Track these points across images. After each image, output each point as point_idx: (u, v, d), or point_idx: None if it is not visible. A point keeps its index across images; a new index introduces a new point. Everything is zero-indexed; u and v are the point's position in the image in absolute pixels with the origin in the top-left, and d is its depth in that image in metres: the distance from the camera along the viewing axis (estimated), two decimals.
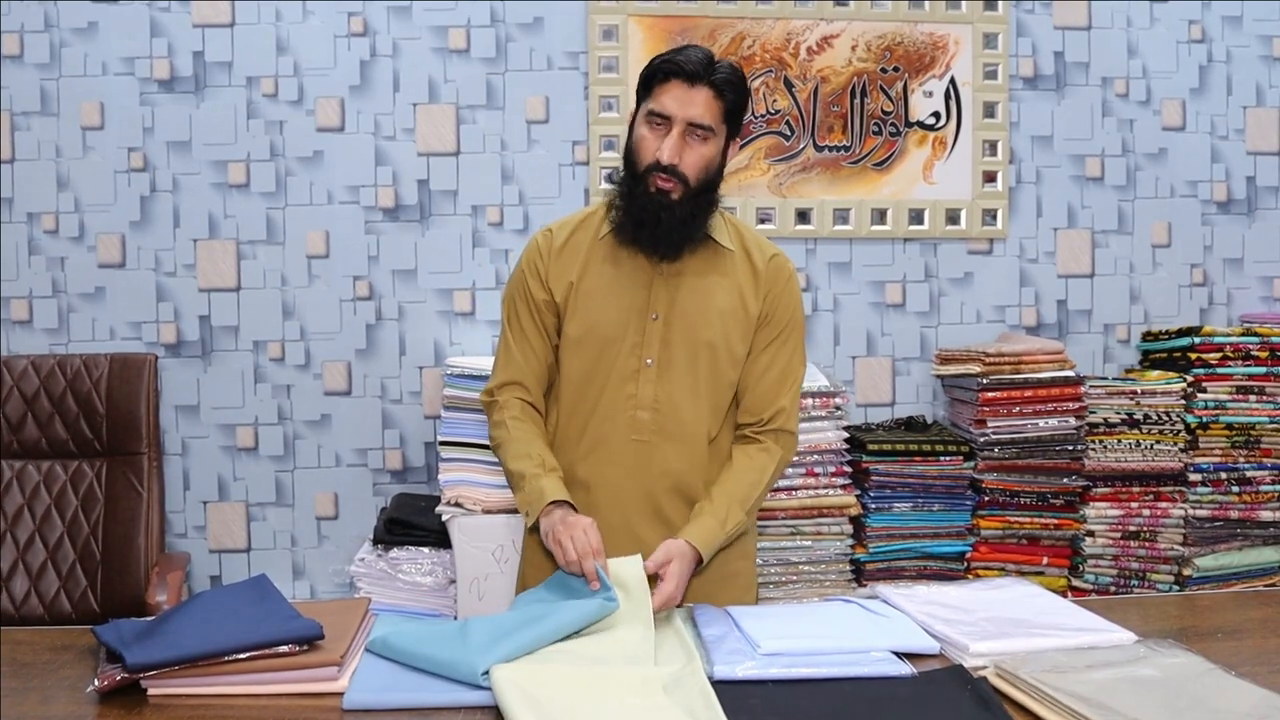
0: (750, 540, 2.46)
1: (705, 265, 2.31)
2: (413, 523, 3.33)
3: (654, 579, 2.06)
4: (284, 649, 1.75)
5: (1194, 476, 3.57)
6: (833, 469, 3.41)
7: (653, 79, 2.21)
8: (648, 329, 2.27)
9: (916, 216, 3.81)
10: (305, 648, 1.77)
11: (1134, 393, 3.57)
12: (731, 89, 2.19)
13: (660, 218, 2.20)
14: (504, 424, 2.31)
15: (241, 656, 1.73)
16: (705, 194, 2.26)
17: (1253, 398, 3.60)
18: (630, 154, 2.26)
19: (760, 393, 2.33)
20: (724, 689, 1.70)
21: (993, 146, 3.84)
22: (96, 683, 1.71)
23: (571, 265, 2.33)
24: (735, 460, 2.32)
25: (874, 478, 3.46)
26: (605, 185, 2.25)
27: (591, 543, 2.03)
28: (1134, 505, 3.54)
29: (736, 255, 2.33)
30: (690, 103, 2.16)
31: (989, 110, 3.83)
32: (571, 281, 2.31)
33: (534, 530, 2.20)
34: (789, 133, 3.76)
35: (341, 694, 1.70)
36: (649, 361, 2.27)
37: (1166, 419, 3.55)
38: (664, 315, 2.27)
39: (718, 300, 2.29)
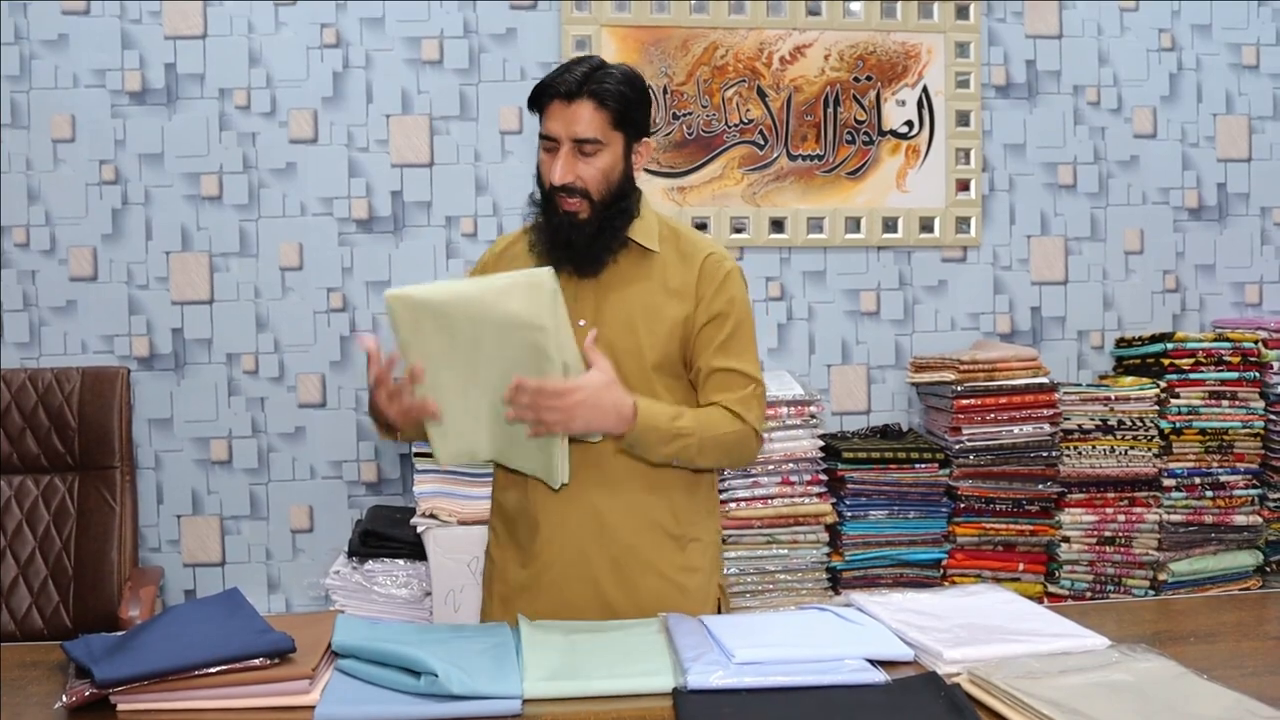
0: (704, 555, 2.37)
1: (631, 271, 2.27)
2: (388, 535, 3.32)
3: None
4: (255, 662, 1.74)
5: (1168, 482, 3.58)
6: (808, 477, 3.42)
7: (538, 103, 2.20)
8: (576, 336, 2.21)
9: (890, 225, 3.83)
10: (277, 661, 1.76)
11: (1108, 399, 3.58)
12: (615, 97, 2.16)
13: (571, 239, 2.19)
14: None
15: (212, 670, 1.71)
16: (617, 202, 2.22)
17: (1225, 403, 3.62)
18: (538, 178, 2.26)
19: (713, 391, 2.26)
20: (697, 698, 1.70)
21: (966, 155, 3.85)
22: (65, 699, 1.69)
23: None
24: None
25: (850, 485, 3.46)
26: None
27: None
28: (1109, 511, 3.55)
29: (665, 257, 2.28)
30: (572, 120, 2.15)
31: (962, 119, 3.84)
32: None
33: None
34: (762, 142, 3.77)
35: (313, 707, 1.69)
36: None
37: (1140, 425, 3.57)
38: (591, 321, 2.23)
39: (644, 306, 2.25)
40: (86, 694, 1.68)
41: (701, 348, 2.27)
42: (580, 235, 2.20)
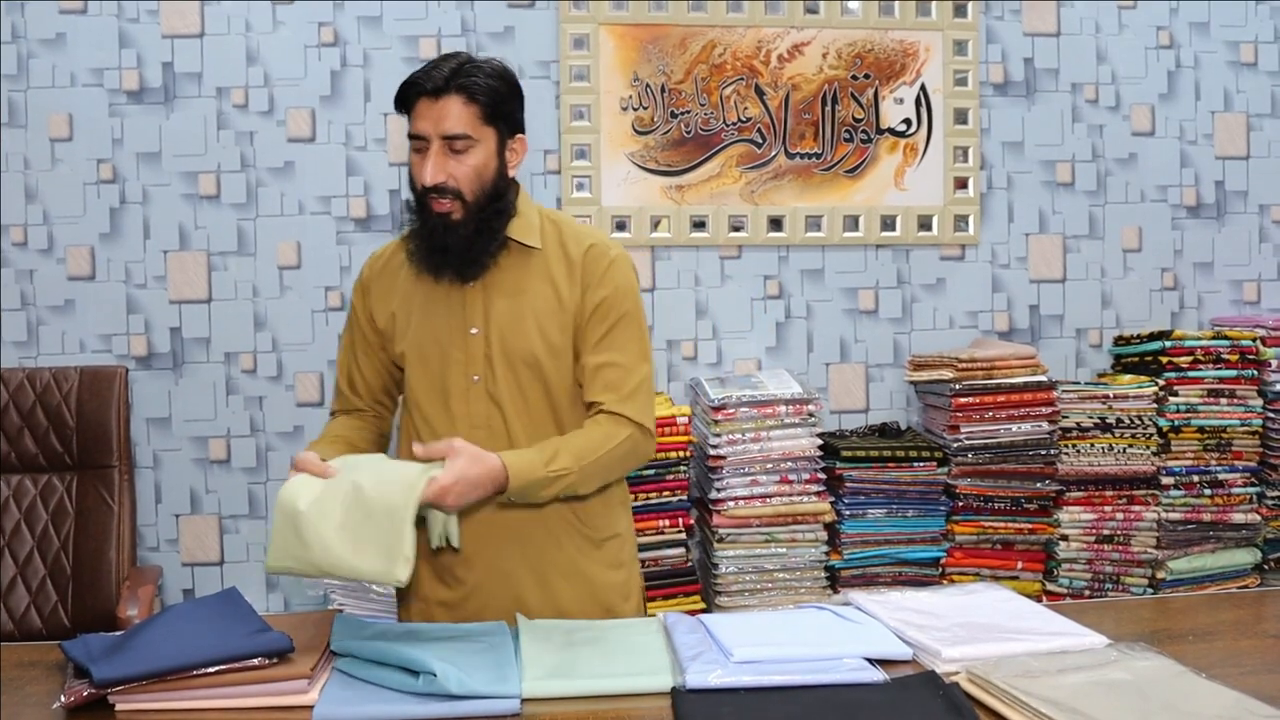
0: (623, 549, 2.37)
1: (515, 271, 2.24)
2: None
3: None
4: (254, 662, 1.74)
5: (1166, 480, 3.58)
6: (807, 476, 3.41)
7: (406, 102, 2.17)
8: (469, 344, 2.22)
9: (888, 223, 3.82)
10: (275, 661, 1.76)
11: (1106, 397, 3.58)
12: (485, 91, 2.13)
13: (447, 243, 2.16)
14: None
15: (210, 670, 1.72)
16: (493, 203, 2.19)
17: (1224, 400, 3.62)
18: (411, 182, 2.22)
19: (597, 390, 2.22)
20: (695, 697, 1.70)
21: (964, 153, 3.85)
22: (64, 698, 1.69)
23: (390, 288, 2.32)
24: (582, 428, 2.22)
25: (848, 484, 3.46)
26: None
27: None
28: (1107, 509, 3.55)
29: (548, 252, 2.26)
30: (440, 117, 2.12)
31: (960, 116, 3.84)
32: (392, 304, 2.31)
33: None
34: (760, 140, 3.76)
35: (311, 707, 1.69)
36: (476, 378, 2.22)
37: (1139, 423, 3.56)
38: (483, 329, 2.22)
39: (532, 306, 2.22)
40: (85, 694, 1.69)
41: (585, 342, 2.24)
42: (455, 238, 2.16)
